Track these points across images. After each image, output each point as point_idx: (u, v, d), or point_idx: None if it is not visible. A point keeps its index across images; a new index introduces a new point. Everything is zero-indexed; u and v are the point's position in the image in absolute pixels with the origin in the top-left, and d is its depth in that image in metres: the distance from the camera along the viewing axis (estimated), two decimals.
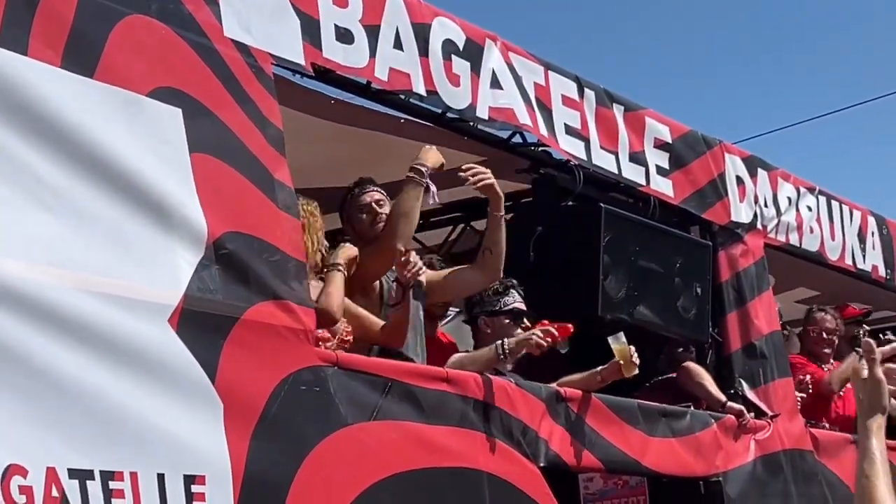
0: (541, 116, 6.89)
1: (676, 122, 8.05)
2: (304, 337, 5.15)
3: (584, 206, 7.16)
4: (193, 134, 4.89)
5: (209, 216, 4.84)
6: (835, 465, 8.66)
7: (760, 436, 7.97)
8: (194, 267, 4.77)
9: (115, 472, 4.28)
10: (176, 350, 4.62)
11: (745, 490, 7.67)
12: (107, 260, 4.49)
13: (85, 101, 4.51)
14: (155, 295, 4.62)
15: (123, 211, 4.57)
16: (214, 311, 4.82)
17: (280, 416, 4.94)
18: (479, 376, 6.08)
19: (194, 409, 4.62)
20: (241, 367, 4.84)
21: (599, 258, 6.96)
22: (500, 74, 6.62)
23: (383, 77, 5.96)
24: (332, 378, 5.25)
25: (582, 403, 6.65)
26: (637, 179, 7.57)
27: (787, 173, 9.09)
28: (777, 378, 8.31)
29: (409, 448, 5.59)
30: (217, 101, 5.04)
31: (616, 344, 6.67)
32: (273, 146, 5.23)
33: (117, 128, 4.61)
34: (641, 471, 7.25)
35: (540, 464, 6.25)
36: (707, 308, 7.78)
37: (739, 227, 8.39)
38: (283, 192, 5.23)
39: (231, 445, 4.70)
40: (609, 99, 7.48)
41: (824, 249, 9.37)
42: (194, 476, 4.56)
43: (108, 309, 4.42)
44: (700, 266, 7.76)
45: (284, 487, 4.91)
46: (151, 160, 4.70)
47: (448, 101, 6.34)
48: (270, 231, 5.13)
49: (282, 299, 5.09)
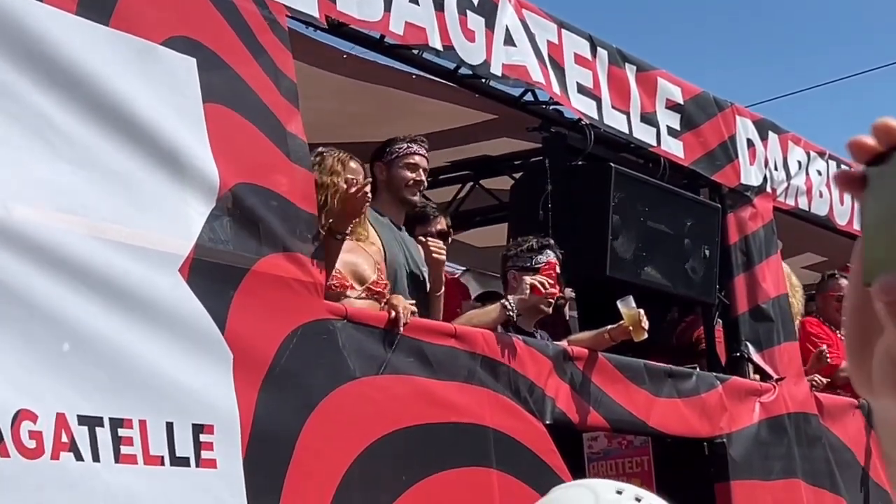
0: (553, 74, 6.87)
1: (688, 83, 8.03)
2: (314, 289, 5.15)
3: (594, 166, 7.15)
4: (207, 84, 4.88)
5: (221, 167, 4.84)
6: (839, 430, 8.69)
7: (765, 399, 7.98)
8: (205, 217, 4.77)
9: (124, 419, 4.29)
10: (186, 300, 4.63)
11: (749, 452, 7.69)
12: (118, 208, 4.49)
13: (99, 48, 4.50)
14: (166, 244, 4.62)
15: (136, 160, 4.57)
16: (225, 261, 4.83)
17: (289, 368, 4.95)
18: (487, 333, 6.09)
19: (204, 359, 4.63)
20: (251, 318, 4.85)
21: (609, 218, 6.95)
22: (513, 31, 6.60)
23: (398, 31, 5.94)
24: (340, 331, 5.25)
25: (589, 362, 6.66)
26: (648, 140, 7.55)
27: (798, 137, 9.08)
28: (783, 341, 8.32)
29: (417, 403, 5.61)
30: (231, 51, 5.03)
31: (625, 308, 6.66)
32: (286, 98, 5.22)
33: (131, 76, 4.60)
34: (646, 431, 7.27)
35: (546, 421, 6.27)
36: (715, 270, 7.78)
37: (749, 189, 8.38)
38: (295, 145, 5.23)
39: (240, 396, 4.72)
40: (622, 59, 7.46)
41: (833, 214, 9.36)
42: (202, 425, 4.57)
43: (119, 257, 4.42)
44: (709, 228, 7.75)
45: (292, 439, 4.93)
46: (165, 109, 4.70)
47: (464, 57, 6.31)
48: (282, 183, 5.13)
49: (292, 252, 5.09)
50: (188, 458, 4.50)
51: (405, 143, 6.38)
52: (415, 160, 6.35)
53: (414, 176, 6.33)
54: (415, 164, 6.35)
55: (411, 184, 6.34)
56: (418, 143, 6.40)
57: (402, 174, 6.33)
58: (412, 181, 6.34)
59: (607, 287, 6.93)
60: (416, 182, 6.34)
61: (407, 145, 6.36)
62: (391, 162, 6.31)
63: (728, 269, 8.08)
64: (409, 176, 6.33)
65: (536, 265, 6.69)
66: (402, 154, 6.33)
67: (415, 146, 6.37)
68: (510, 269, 6.73)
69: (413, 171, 6.33)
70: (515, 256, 6.73)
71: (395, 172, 6.31)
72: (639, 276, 7.13)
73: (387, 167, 6.35)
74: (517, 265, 6.70)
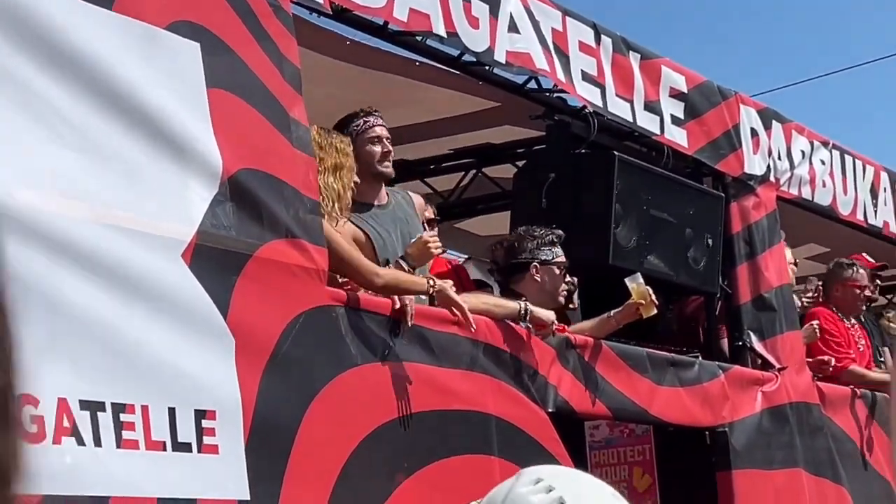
0: (558, 62, 6.86)
1: (692, 71, 8.01)
2: (317, 276, 5.15)
3: (597, 154, 7.14)
4: (211, 69, 4.87)
5: (224, 152, 4.83)
6: (841, 419, 8.69)
7: (767, 388, 7.98)
8: (208, 203, 4.77)
9: (126, 404, 4.29)
10: (189, 285, 4.62)
11: (751, 441, 7.70)
12: (121, 193, 4.48)
13: (103, 32, 4.49)
14: (169, 229, 4.61)
15: (139, 145, 4.56)
16: (228, 247, 4.82)
17: (291, 354, 4.94)
18: (490, 321, 6.08)
19: (206, 345, 4.63)
20: (254, 304, 4.84)
21: (611, 207, 6.94)
22: (517, 18, 6.59)
23: (402, 17, 5.92)
24: (343, 318, 5.25)
25: (592, 350, 6.66)
26: (651, 128, 7.54)
27: (802, 126, 9.06)
28: (786, 331, 8.32)
29: (419, 390, 5.60)
30: (235, 37, 5.02)
31: (633, 284, 6.67)
32: (290, 84, 5.21)
33: (135, 61, 4.59)
34: (648, 419, 7.27)
35: (548, 409, 6.27)
36: (717, 259, 7.77)
37: (752, 179, 8.36)
38: (298, 130, 5.22)
39: (242, 382, 4.71)
40: (626, 47, 7.44)
41: (836, 204, 9.34)
42: (205, 411, 4.57)
43: (122, 242, 4.41)
44: (712, 217, 7.74)
45: (294, 425, 4.93)
46: (168, 94, 4.69)
47: (468, 44, 6.30)
48: (285, 169, 5.12)
49: (295, 238, 5.08)
50: (190, 444, 4.50)
51: (361, 118, 6.23)
52: (377, 132, 6.22)
53: (381, 149, 6.22)
54: (378, 136, 6.23)
55: (380, 157, 6.25)
56: (373, 114, 6.29)
57: (369, 150, 6.19)
58: (381, 154, 6.25)
59: (610, 275, 6.92)
60: (385, 153, 6.23)
61: (363, 120, 6.21)
62: (353, 141, 6.14)
63: (731, 258, 8.07)
64: (376, 150, 6.22)
65: (555, 259, 6.67)
66: (361, 130, 6.21)
67: (371, 119, 6.24)
68: (531, 261, 6.68)
69: (378, 143, 6.23)
70: (535, 249, 6.68)
71: (362, 150, 6.14)
72: (641, 265, 7.11)
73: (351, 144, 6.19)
74: (539, 258, 6.67)
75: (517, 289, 6.65)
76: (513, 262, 6.77)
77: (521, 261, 6.71)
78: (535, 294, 6.51)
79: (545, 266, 6.65)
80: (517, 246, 6.74)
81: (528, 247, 6.70)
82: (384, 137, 6.24)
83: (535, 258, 6.67)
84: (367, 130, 6.20)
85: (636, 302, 6.66)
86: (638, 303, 6.66)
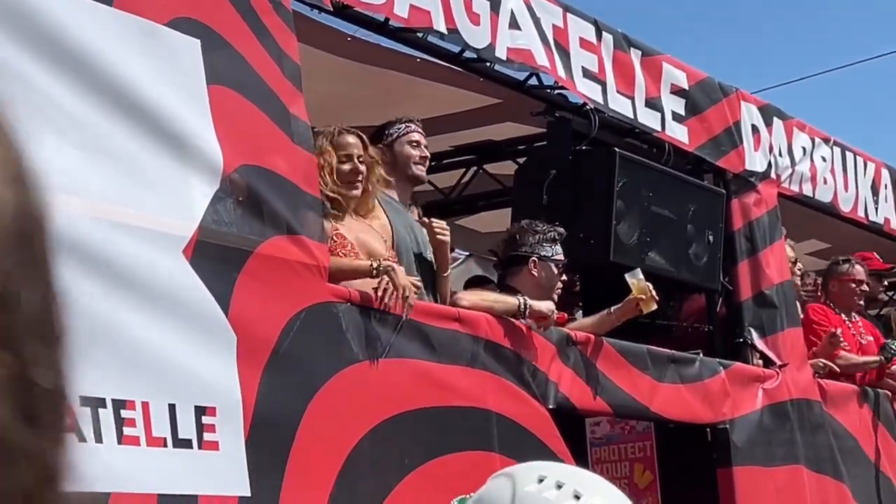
0: (559, 58, 6.86)
1: (693, 68, 8.01)
2: (318, 272, 5.15)
3: (598, 151, 7.13)
4: (211, 65, 4.87)
5: (225, 148, 4.83)
6: (842, 416, 8.69)
7: (768, 385, 7.98)
8: (209, 199, 4.77)
9: (126, 400, 4.29)
10: (189, 282, 4.62)
11: (752, 438, 7.69)
12: (122, 189, 4.48)
13: (103, 28, 4.49)
14: (169, 226, 4.61)
15: (139, 141, 4.56)
16: (228, 243, 4.82)
17: (292, 351, 4.94)
18: (491, 317, 6.08)
19: (207, 341, 4.63)
20: (255, 300, 4.84)
21: (613, 203, 6.94)
22: (518, 15, 6.59)
23: (403, 14, 5.93)
24: (344, 314, 5.25)
25: (592, 347, 6.66)
26: (652, 125, 7.54)
27: (803, 123, 9.06)
28: (787, 327, 8.31)
29: (419, 386, 5.60)
30: (235, 33, 5.02)
31: (634, 280, 6.66)
32: (290, 80, 5.22)
33: (135, 57, 4.59)
34: (649, 416, 7.27)
35: (549, 406, 6.26)
36: (718, 256, 7.77)
37: (753, 175, 8.36)
38: (298, 127, 5.22)
39: (243, 378, 4.72)
40: (627, 43, 7.44)
41: (837, 200, 9.34)
42: (205, 407, 4.57)
43: (123, 238, 4.41)
44: (713, 214, 7.74)
45: (294, 422, 4.93)
46: (168, 91, 4.69)
47: (468, 40, 6.30)
48: (285, 165, 5.12)
49: (295, 234, 5.08)
50: (190, 440, 4.50)
51: (403, 123, 6.43)
52: (416, 138, 6.41)
53: (419, 152, 6.40)
54: (417, 141, 6.41)
55: (418, 160, 6.39)
56: (415, 122, 6.46)
57: (407, 152, 6.37)
58: (419, 157, 6.39)
59: (611, 272, 6.91)
60: (423, 158, 6.42)
61: (405, 125, 6.42)
62: (392, 143, 6.33)
63: (732, 254, 8.07)
64: (414, 153, 6.38)
65: (555, 256, 6.66)
66: (402, 133, 6.38)
67: (412, 125, 6.44)
68: (530, 255, 6.67)
69: (417, 147, 6.39)
70: (535, 244, 6.67)
71: (401, 151, 6.34)
72: (642, 262, 7.11)
73: (389, 149, 6.34)
74: (538, 254, 6.66)
75: (513, 283, 6.64)
76: (511, 254, 6.76)
77: (520, 254, 6.69)
78: (530, 289, 6.50)
79: (543, 262, 6.64)
80: (518, 238, 6.73)
81: (528, 240, 6.68)
82: (423, 143, 6.38)
83: (535, 252, 6.65)
84: (406, 134, 6.37)
85: (636, 297, 6.65)
86: (638, 298, 6.65)
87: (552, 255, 6.66)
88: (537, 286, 6.57)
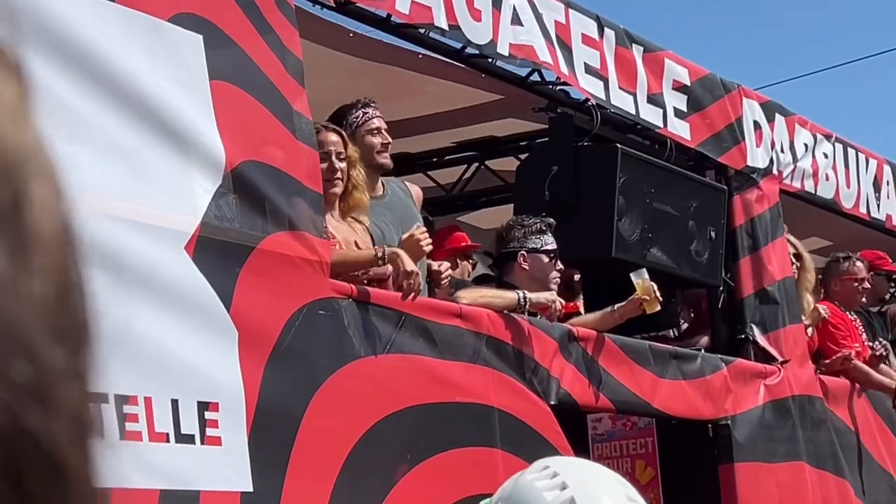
0: (561, 54, 6.86)
1: (695, 64, 8.01)
2: (320, 268, 5.15)
3: (600, 147, 7.13)
4: (214, 61, 4.87)
5: (227, 144, 4.83)
6: (843, 413, 8.69)
7: (770, 381, 7.98)
8: (211, 195, 4.77)
9: (129, 396, 4.29)
10: (192, 277, 4.62)
11: (754, 434, 7.70)
12: (124, 185, 4.48)
13: (106, 24, 4.49)
14: (172, 221, 4.62)
15: (142, 136, 4.56)
16: (231, 239, 4.82)
17: (294, 347, 4.95)
18: (492, 313, 6.09)
19: (209, 337, 4.63)
20: (257, 296, 4.85)
21: (614, 199, 6.94)
22: (520, 11, 6.58)
23: (404, 10, 5.92)
24: (346, 310, 5.25)
25: (594, 343, 6.66)
26: (654, 121, 7.54)
27: (805, 119, 9.06)
28: (788, 324, 8.31)
29: (421, 382, 5.61)
30: (238, 29, 5.02)
31: (638, 280, 6.66)
32: (293, 76, 5.22)
33: (138, 53, 4.59)
34: (651, 412, 7.28)
35: (551, 402, 6.27)
36: (720, 252, 7.77)
37: (755, 172, 8.36)
38: (301, 123, 5.22)
39: (245, 374, 4.72)
40: (629, 39, 7.44)
41: (839, 197, 9.34)
42: (208, 403, 4.58)
43: (125, 234, 4.41)
44: (715, 210, 7.74)
45: (297, 417, 4.93)
46: (171, 86, 4.69)
47: (470, 37, 6.30)
48: (288, 161, 5.12)
49: (298, 230, 5.09)
50: (193, 436, 4.50)
51: (359, 110, 6.25)
52: (375, 124, 6.25)
53: (381, 140, 6.25)
54: (377, 128, 6.25)
55: (381, 148, 6.27)
56: (370, 105, 6.31)
57: (369, 141, 6.21)
58: (381, 145, 6.26)
59: (612, 269, 6.92)
60: (385, 145, 6.26)
61: (362, 112, 6.25)
62: (353, 133, 6.15)
63: (734, 251, 8.07)
64: (376, 142, 6.25)
65: (544, 247, 6.67)
66: (361, 122, 6.23)
67: (370, 110, 6.26)
68: (518, 250, 6.69)
69: (377, 135, 6.25)
70: (522, 238, 6.69)
71: (362, 141, 6.17)
72: (644, 258, 7.11)
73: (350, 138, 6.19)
74: (526, 247, 6.68)
75: (508, 279, 6.66)
76: (502, 252, 6.80)
77: (509, 250, 6.72)
78: (524, 283, 6.51)
79: (532, 254, 6.66)
80: (505, 236, 6.77)
81: (515, 235, 6.71)
82: (383, 129, 6.26)
83: (523, 246, 6.68)
84: (366, 122, 6.23)
85: (640, 297, 6.66)
86: (642, 298, 6.66)
87: (541, 247, 6.67)
88: (531, 279, 6.58)
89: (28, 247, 0.57)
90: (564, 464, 2.17)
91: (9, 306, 0.56)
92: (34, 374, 0.57)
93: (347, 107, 6.28)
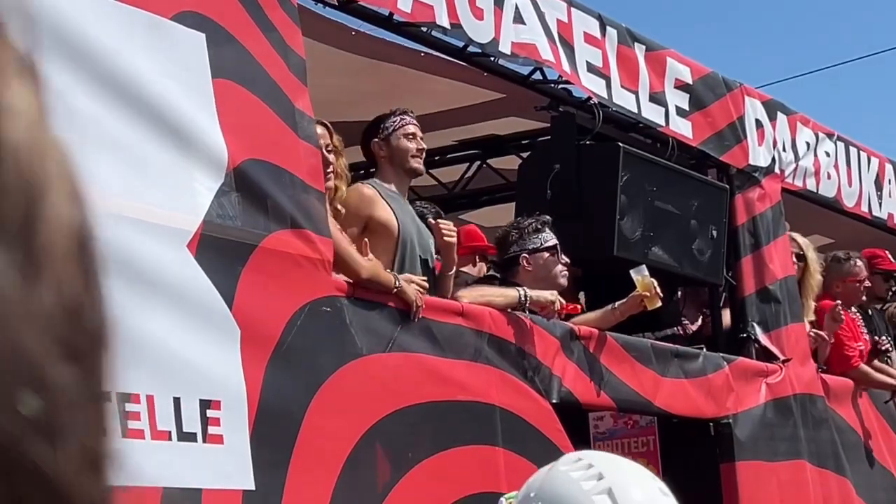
0: (563, 53, 6.86)
1: (697, 63, 8.01)
2: (322, 266, 5.15)
3: (602, 146, 7.13)
4: (216, 59, 4.87)
5: (230, 143, 4.83)
6: (845, 411, 8.69)
7: (772, 380, 7.98)
8: (214, 193, 4.77)
9: (131, 394, 4.29)
10: (194, 276, 4.62)
11: (755, 433, 7.70)
12: (126, 183, 4.48)
13: (108, 22, 4.49)
14: (174, 220, 4.62)
15: (144, 135, 4.56)
16: (233, 237, 4.82)
17: (296, 345, 4.95)
18: (494, 312, 6.09)
19: (211, 335, 4.63)
20: (259, 294, 4.85)
21: (616, 198, 6.94)
22: (522, 9, 6.58)
23: (406, 9, 5.92)
24: (348, 308, 5.26)
25: (596, 342, 6.67)
26: (656, 120, 7.54)
27: (807, 118, 9.06)
28: (790, 323, 8.31)
29: (423, 381, 5.61)
30: (240, 27, 5.02)
31: (639, 277, 6.67)
32: (295, 74, 5.22)
33: (140, 51, 4.59)
34: (653, 411, 7.28)
35: (552, 400, 6.27)
36: (722, 251, 7.77)
37: (757, 170, 8.36)
38: (303, 121, 5.22)
39: (247, 372, 4.72)
40: (631, 38, 7.44)
41: (841, 196, 9.34)
42: (210, 401, 4.58)
43: (127, 232, 4.41)
44: (716, 209, 7.74)
45: (299, 416, 4.93)
46: (173, 85, 4.69)
47: (471, 35, 6.30)
48: (290, 159, 5.12)
49: (300, 228, 5.09)
50: (195, 434, 4.51)
51: (397, 115, 6.35)
52: (411, 130, 6.34)
53: (416, 145, 6.33)
54: (413, 133, 6.34)
55: (416, 153, 6.33)
56: (409, 114, 6.39)
57: (404, 145, 6.30)
58: (416, 150, 6.33)
59: (614, 267, 6.92)
60: (420, 150, 6.36)
61: (400, 118, 6.34)
62: (389, 136, 6.26)
63: (735, 250, 8.07)
64: (411, 146, 6.32)
65: (543, 245, 6.68)
66: (398, 126, 6.31)
67: (407, 117, 6.36)
68: (519, 253, 6.70)
69: (413, 140, 6.33)
70: (521, 240, 6.71)
71: (398, 144, 6.27)
72: (646, 257, 7.11)
73: (385, 142, 6.30)
74: (526, 248, 6.69)
75: (515, 281, 6.67)
76: (505, 258, 6.83)
77: (510, 255, 6.75)
78: (531, 284, 6.52)
79: (534, 255, 6.68)
80: (505, 241, 6.79)
81: (514, 239, 6.73)
82: (418, 135, 6.33)
83: (523, 249, 6.70)
84: (402, 126, 6.31)
85: (641, 294, 6.66)
86: (643, 295, 6.66)
87: (541, 245, 6.69)
88: (537, 279, 6.59)
89: (40, 262, 0.57)
90: (597, 457, 2.23)
91: (17, 328, 0.56)
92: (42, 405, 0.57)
93: (385, 114, 6.40)
